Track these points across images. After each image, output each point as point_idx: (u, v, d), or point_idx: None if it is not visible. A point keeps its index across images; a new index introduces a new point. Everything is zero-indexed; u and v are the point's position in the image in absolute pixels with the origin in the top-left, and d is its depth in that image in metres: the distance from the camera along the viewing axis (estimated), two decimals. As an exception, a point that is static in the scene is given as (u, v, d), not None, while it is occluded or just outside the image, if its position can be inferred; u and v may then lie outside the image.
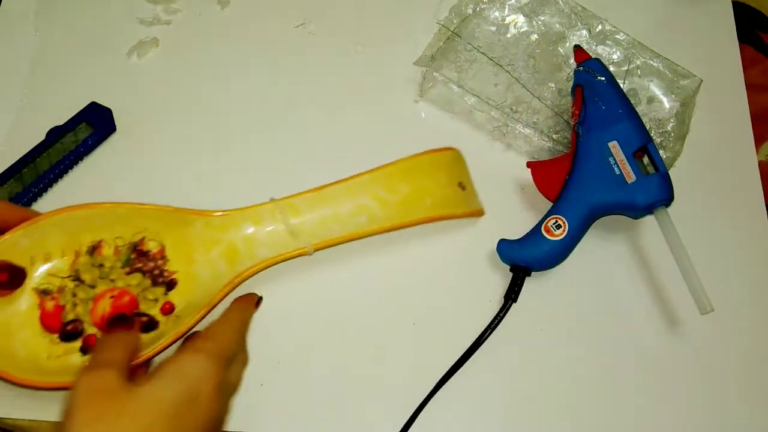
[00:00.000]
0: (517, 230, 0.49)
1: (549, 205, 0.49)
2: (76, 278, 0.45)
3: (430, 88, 0.55)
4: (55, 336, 0.44)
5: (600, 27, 0.56)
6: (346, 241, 0.47)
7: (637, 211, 0.49)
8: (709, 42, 0.60)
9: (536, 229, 0.48)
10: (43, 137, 0.52)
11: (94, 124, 0.53)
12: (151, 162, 0.53)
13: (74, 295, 0.45)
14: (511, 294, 0.48)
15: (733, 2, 0.62)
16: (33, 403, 0.45)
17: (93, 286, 0.45)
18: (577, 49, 0.53)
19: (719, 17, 0.61)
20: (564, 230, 0.47)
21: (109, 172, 0.49)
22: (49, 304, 0.44)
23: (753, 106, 0.57)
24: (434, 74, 0.54)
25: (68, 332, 0.44)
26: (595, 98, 0.49)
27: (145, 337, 0.44)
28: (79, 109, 0.54)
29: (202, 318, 0.44)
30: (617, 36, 0.56)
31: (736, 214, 0.53)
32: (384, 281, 0.49)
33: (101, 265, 0.46)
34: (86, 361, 0.43)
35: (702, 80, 0.54)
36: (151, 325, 0.45)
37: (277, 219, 0.47)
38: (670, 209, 0.48)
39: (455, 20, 0.56)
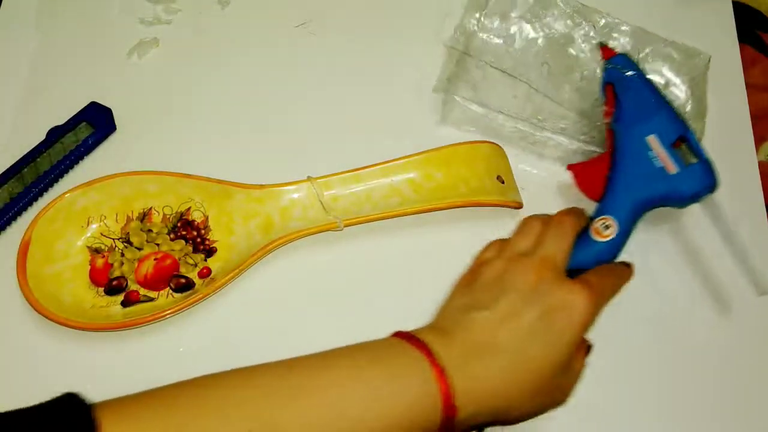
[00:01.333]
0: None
1: (589, 208, 0.49)
2: (126, 240, 0.49)
3: (451, 111, 0.54)
4: (101, 289, 0.47)
5: (603, 21, 0.56)
6: (377, 220, 0.49)
7: (683, 201, 0.48)
8: (709, 42, 0.60)
9: (584, 232, 0.47)
10: (43, 137, 0.52)
11: (95, 124, 0.53)
12: (151, 162, 0.52)
13: (122, 255, 0.48)
14: None
15: (733, 2, 0.62)
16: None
17: (140, 248, 0.49)
18: (602, 46, 0.53)
19: (719, 17, 0.61)
20: (613, 230, 0.46)
21: (110, 172, 0.49)
22: (99, 262, 0.48)
23: (753, 106, 0.57)
24: (454, 98, 0.53)
25: (113, 287, 0.47)
26: (628, 94, 0.49)
27: (179, 296, 0.47)
28: (79, 109, 0.54)
29: (232, 279, 0.47)
30: (622, 27, 0.56)
31: (736, 214, 0.53)
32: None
33: (149, 231, 0.49)
34: (126, 314, 0.46)
35: (711, 56, 0.54)
36: (188, 286, 0.47)
37: (313, 194, 0.49)
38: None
39: (462, 38, 0.55)
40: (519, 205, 0.51)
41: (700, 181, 0.47)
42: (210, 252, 0.49)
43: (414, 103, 0.56)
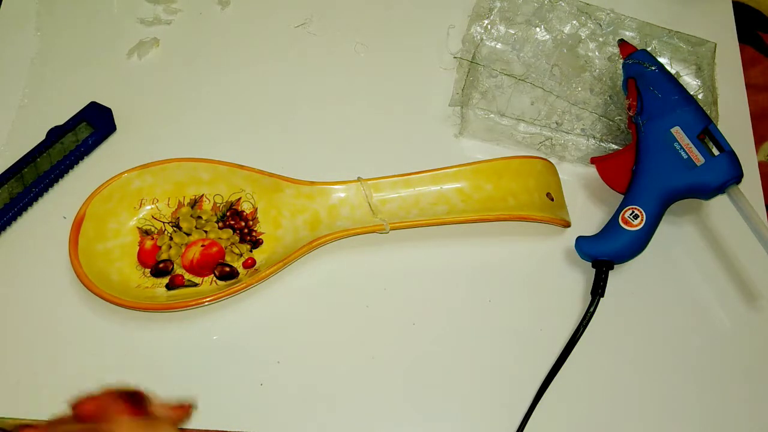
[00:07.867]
0: (578, 231, 0.50)
1: (609, 203, 0.49)
2: (175, 225, 0.50)
3: (470, 123, 0.54)
4: (147, 270, 0.48)
5: (608, 18, 0.56)
6: (423, 226, 0.49)
7: (709, 192, 0.49)
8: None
9: (613, 222, 0.48)
10: (43, 137, 0.52)
11: (95, 124, 0.53)
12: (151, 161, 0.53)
13: (171, 239, 0.49)
14: (598, 289, 0.48)
15: (733, 2, 0.62)
16: (33, 402, 0.45)
17: (188, 234, 0.50)
18: (622, 42, 0.54)
19: (719, 17, 0.61)
20: (642, 219, 0.47)
21: (110, 172, 0.49)
22: (148, 243, 0.49)
23: (753, 106, 0.57)
24: (470, 111, 0.53)
25: (159, 269, 0.48)
26: (650, 87, 0.50)
27: (223, 284, 0.48)
28: (79, 109, 0.54)
29: (275, 272, 0.47)
30: (627, 22, 0.56)
31: (736, 214, 0.53)
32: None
33: (199, 217, 0.50)
34: (170, 296, 0.47)
35: (716, 43, 0.55)
36: (231, 275, 0.48)
37: (361, 195, 0.50)
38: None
39: (471, 49, 0.55)
40: (567, 224, 0.51)
41: (726, 172, 0.48)
42: (256, 243, 0.49)
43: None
